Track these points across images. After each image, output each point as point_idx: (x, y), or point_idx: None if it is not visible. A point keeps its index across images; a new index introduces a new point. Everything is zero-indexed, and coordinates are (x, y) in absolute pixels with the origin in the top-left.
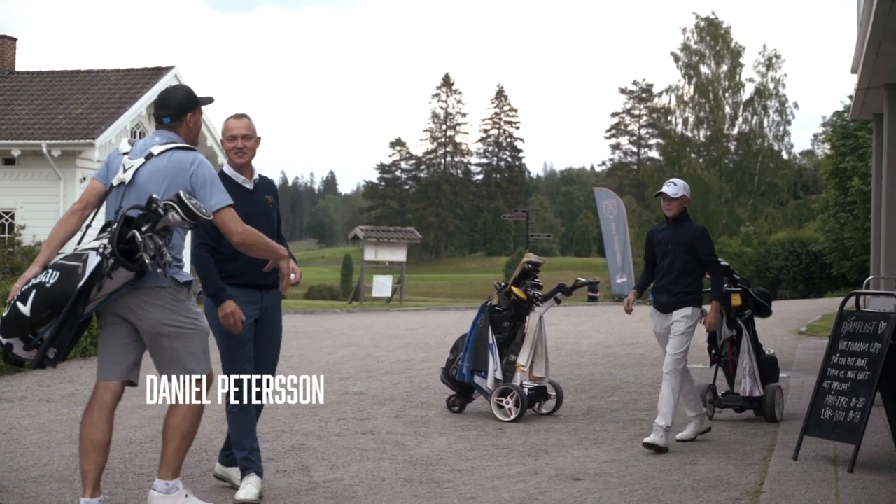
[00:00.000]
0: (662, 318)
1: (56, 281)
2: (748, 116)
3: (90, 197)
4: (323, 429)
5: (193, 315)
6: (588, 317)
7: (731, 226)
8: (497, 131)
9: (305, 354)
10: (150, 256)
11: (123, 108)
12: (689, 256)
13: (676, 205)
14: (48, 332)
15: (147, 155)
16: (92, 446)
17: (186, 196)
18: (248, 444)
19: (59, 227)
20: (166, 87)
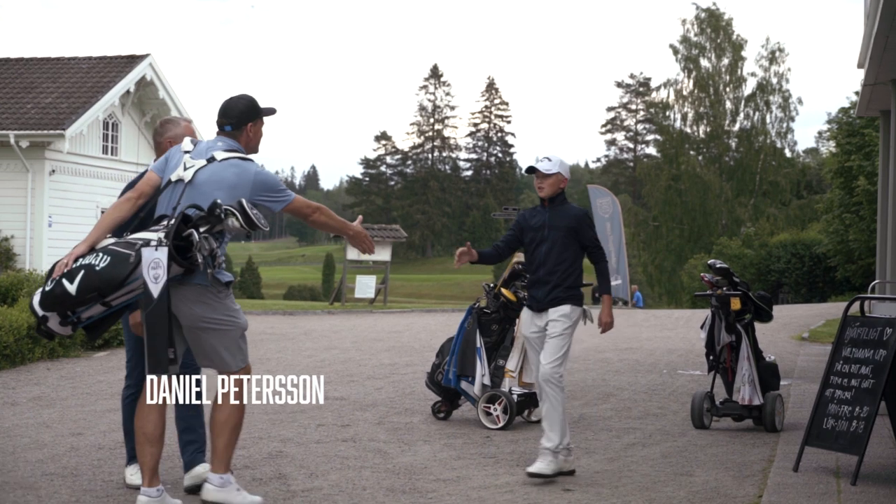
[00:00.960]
0: (536, 317)
1: (106, 266)
2: (750, 112)
3: (146, 187)
4: (302, 435)
5: (232, 312)
6: None
7: (731, 226)
8: (487, 125)
9: (284, 357)
10: (202, 256)
11: (95, 97)
12: (568, 243)
13: (550, 183)
14: (86, 313)
15: (210, 158)
16: (145, 439)
17: (249, 206)
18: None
19: (112, 211)
20: (230, 96)
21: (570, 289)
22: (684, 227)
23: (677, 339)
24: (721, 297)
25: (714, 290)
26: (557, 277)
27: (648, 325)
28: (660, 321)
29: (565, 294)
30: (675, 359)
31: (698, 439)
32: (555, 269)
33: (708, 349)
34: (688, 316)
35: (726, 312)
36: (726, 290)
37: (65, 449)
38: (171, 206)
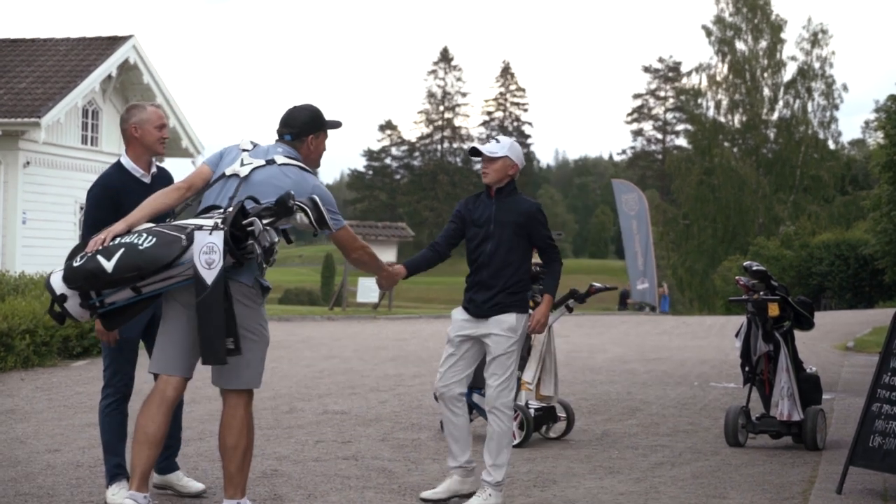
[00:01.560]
0: (471, 322)
1: (151, 246)
2: (790, 100)
3: (197, 180)
4: (299, 453)
5: (264, 323)
6: (604, 328)
7: (768, 225)
8: (502, 114)
9: (279, 367)
10: (261, 248)
11: (74, 82)
12: (516, 242)
13: (496, 169)
14: (112, 297)
15: (269, 160)
16: (145, 439)
17: (321, 203)
18: (123, 450)
19: (157, 197)
20: (295, 105)
21: (515, 294)
22: (718, 225)
23: (710, 348)
24: (758, 303)
25: (750, 294)
26: (503, 282)
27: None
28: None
29: (509, 300)
30: (707, 370)
31: (732, 458)
32: (500, 273)
33: (743, 359)
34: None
35: (763, 319)
36: (763, 294)
37: (40, 467)
38: (227, 196)
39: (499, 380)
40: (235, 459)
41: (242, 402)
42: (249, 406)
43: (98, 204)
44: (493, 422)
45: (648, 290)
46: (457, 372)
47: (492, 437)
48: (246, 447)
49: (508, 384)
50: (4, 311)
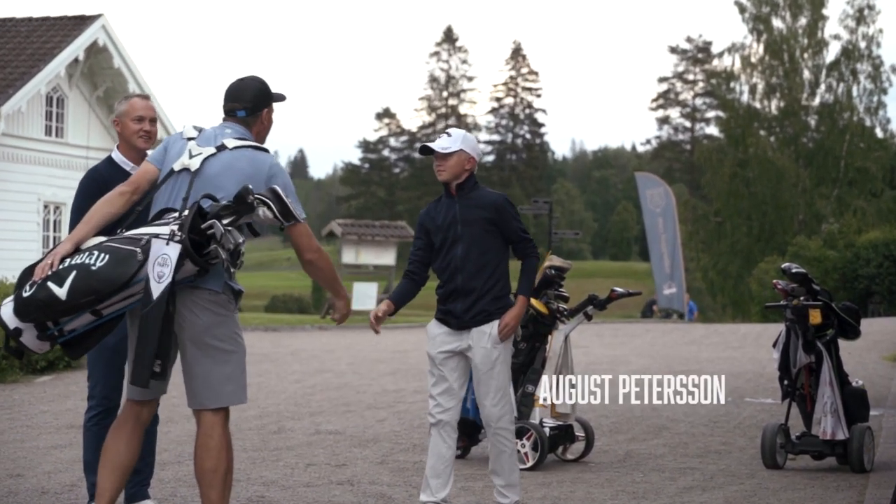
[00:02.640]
0: (452, 335)
1: (104, 265)
2: (832, 83)
3: (142, 181)
4: (288, 477)
5: (239, 331)
6: (626, 337)
7: (809, 223)
8: (513, 100)
9: (266, 383)
10: (226, 252)
11: (37, 67)
12: (488, 240)
13: (451, 165)
14: (71, 324)
15: (220, 146)
16: (116, 464)
17: (283, 193)
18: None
19: (103, 205)
20: (239, 78)
21: (498, 299)
22: (753, 223)
23: (744, 359)
24: (798, 309)
25: (789, 300)
26: (481, 286)
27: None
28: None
29: (493, 307)
30: (741, 384)
31: (770, 482)
32: (476, 276)
33: (782, 372)
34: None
35: (804, 327)
36: (804, 300)
37: (1, 494)
38: (180, 197)
39: (496, 396)
40: (216, 485)
41: (219, 420)
42: (227, 424)
43: (85, 193)
44: (496, 442)
45: (676, 295)
46: (451, 396)
47: (498, 458)
48: (226, 470)
49: (507, 400)
50: None
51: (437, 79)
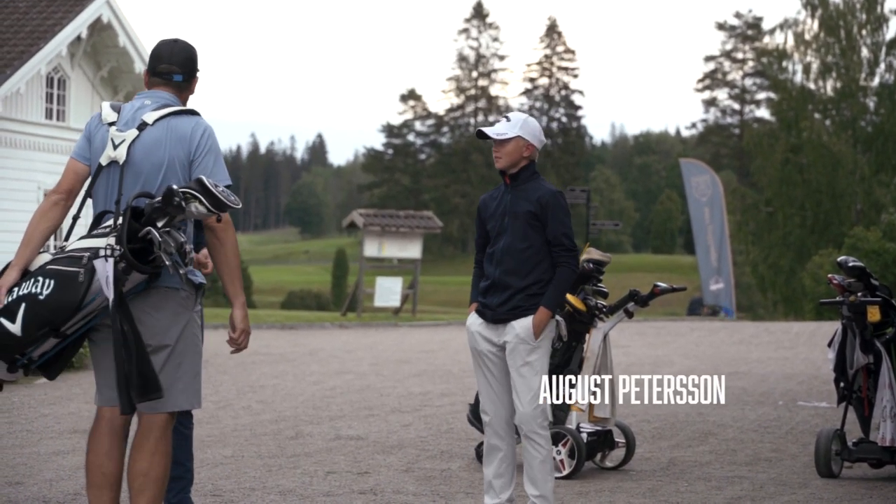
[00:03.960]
0: (489, 329)
1: (52, 291)
2: (893, 62)
3: (73, 183)
4: (306, 486)
5: (197, 331)
6: (670, 336)
7: (868, 212)
8: (547, 80)
9: (282, 384)
10: (169, 255)
11: (36, 45)
12: (531, 235)
13: (508, 152)
14: (38, 351)
15: (140, 125)
16: (104, 480)
17: (211, 182)
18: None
19: (39, 222)
20: (166, 39)
21: (536, 296)
22: (807, 213)
23: (797, 360)
24: (855, 306)
25: (846, 296)
26: (518, 281)
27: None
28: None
29: (529, 303)
30: (794, 386)
31: (824, 491)
32: (515, 270)
33: (837, 374)
34: (811, 330)
35: (862, 326)
36: (862, 296)
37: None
38: (112, 199)
39: (528, 396)
40: (147, 490)
41: (159, 422)
42: (168, 430)
43: None
44: (529, 447)
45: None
46: (498, 392)
47: (531, 464)
48: (161, 475)
49: (535, 401)
50: None
51: (466, 58)
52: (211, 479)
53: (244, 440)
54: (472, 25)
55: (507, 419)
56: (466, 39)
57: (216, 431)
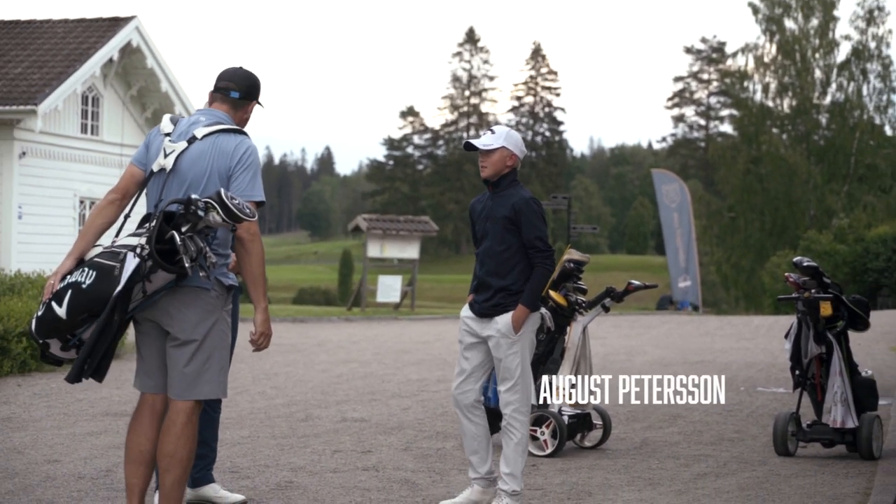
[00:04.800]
0: (475, 322)
1: (92, 282)
2: (843, 82)
3: (129, 185)
4: (315, 463)
5: (226, 328)
6: (643, 329)
7: (820, 218)
8: (532, 99)
9: (294, 372)
10: (190, 259)
11: (73, 67)
12: (509, 237)
13: (493, 162)
14: (87, 333)
15: (190, 138)
16: (140, 457)
17: (227, 196)
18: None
19: (95, 217)
20: (234, 66)
21: (516, 294)
22: (765, 218)
23: (757, 350)
24: (809, 302)
25: (801, 292)
26: (499, 281)
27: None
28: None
29: (508, 301)
30: (754, 374)
31: (781, 468)
32: (495, 271)
33: (793, 362)
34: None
35: (815, 319)
36: (815, 292)
37: (39, 479)
38: (154, 202)
39: (506, 385)
40: (173, 469)
41: (187, 409)
42: (195, 416)
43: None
44: (505, 429)
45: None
46: (472, 377)
47: (507, 445)
48: (183, 458)
49: (517, 388)
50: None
51: (460, 78)
52: (229, 458)
53: (259, 422)
54: (464, 49)
55: (474, 402)
56: (460, 62)
57: (234, 414)
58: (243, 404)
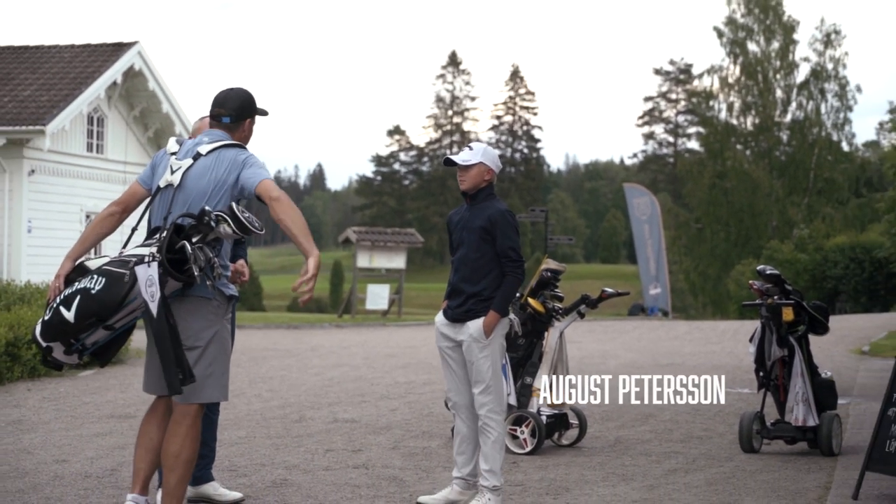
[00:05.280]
0: (450, 328)
1: (101, 288)
2: (803, 101)
3: (129, 200)
4: (308, 462)
5: (226, 334)
6: (616, 333)
7: (782, 228)
8: (511, 118)
9: (288, 375)
10: (199, 268)
11: (79, 89)
12: (483, 247)
13: (471, 176)
14: (90, 339)
15: (195, 155)
16: (150, 444)
17: (239, 209)
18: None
19: (95, 227)
20: (228, 88)
21: (487, 300)
22: (730, 229)
23: (723, 353)
24: (772, 307)
25: (764, 299)
26: (471, 288)
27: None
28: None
29: (480, 307)
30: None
31: (747, 464)
32: (469, 278)
33: (757, 365)
34: (735, 328)
35: (778, 324)
36: (777, 298)
37: (48, 478)
38: (163, 215)
39: (479, 387)
40: (177, 469)
41: (191, 412)
42: (198, 419)
43: None
44: (482, 429)
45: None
46: (459, 380)
47: (486, 443)
48: (189, 457)
49: (490, 390)
50: (10, 321)
51: (443, 99)
52: (228, 457)
53: (256, 423)
54: (447, 72)
55: (468, 405)
56: (443, 83)
57: (232, 416)
58: (241, 406)
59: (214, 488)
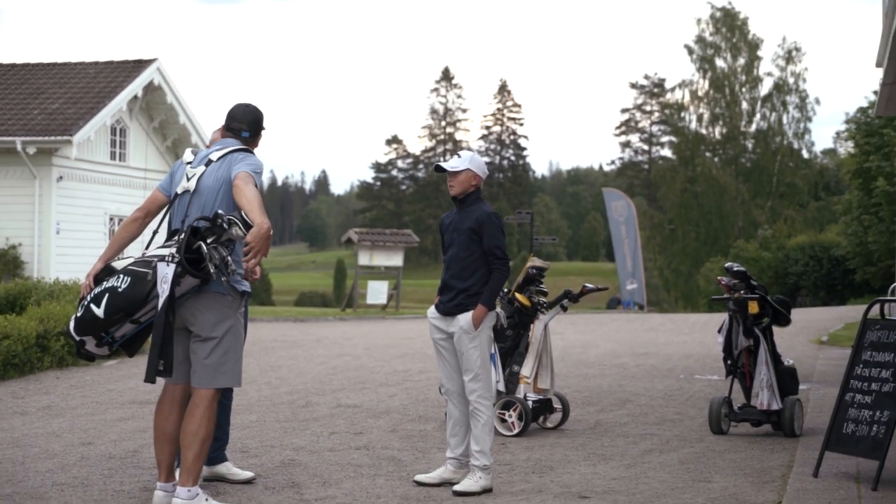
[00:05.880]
0: (441, 321)
1: (127, 287)
2: (766, 113)
3: (151, 206)
4: (314, 443)
5: (239, 327)
6: (596, 325)
7: (747, 229)
8: (500, 128)
9: (296, 364)
10: (214, 266)
11: (103, 102)
12: (471, 247)
13: (460, 181)
14: (119, 332)
15: (207, 162)
16: (164, 437)
17: (248, 217)
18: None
19: (121, 231)
20: (243, 103)
21: (476, 296)
22: (700, 230)
23: (694, 343)
24: (738, 301)
25: (731, 293)
26: (461, 284)
27: (665, 329)
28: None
29: (469, 301)
30: (692, 364)
31: (716, 445)
32: (458, 276)
33: (725, 353)
34: (705, 320)
35: (744, 316)
36: (744, 293)
37: (75, 459)
38: (181, 219)
39: (469, 375)
40: (194, 447)
41: (208, 395)
42: (214, 402)
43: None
44: (472, 414)
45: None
46: (451, 369)
47: (476, 426)
48: (205, 436)
49: (479, 377)
50: (41, 315)
51: (437, 111)
52: (240, 439)
53: (265, 408)
54: (441, 85)
55: (459, 391)
56: (437, 96)
57: (243, 402)
58: (252, 393)
59: (228, 468)
